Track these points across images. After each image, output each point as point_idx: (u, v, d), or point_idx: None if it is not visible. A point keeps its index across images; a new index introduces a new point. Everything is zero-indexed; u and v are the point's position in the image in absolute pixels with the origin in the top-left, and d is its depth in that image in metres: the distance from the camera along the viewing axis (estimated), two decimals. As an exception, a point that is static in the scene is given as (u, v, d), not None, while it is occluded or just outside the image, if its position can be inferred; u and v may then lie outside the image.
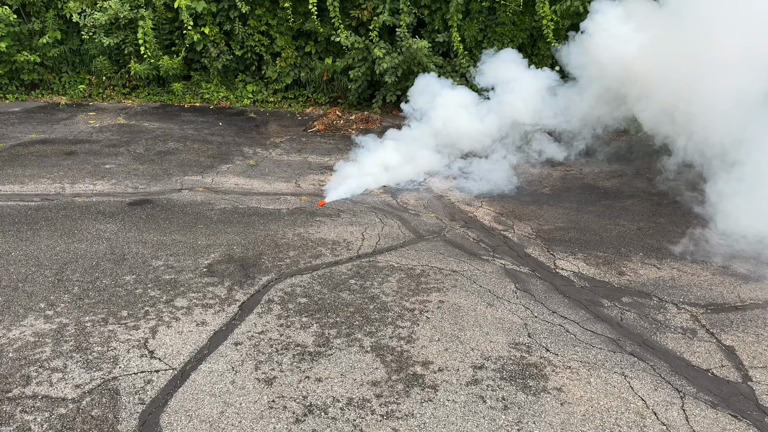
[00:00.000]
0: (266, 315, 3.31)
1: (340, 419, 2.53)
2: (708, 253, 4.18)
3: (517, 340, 3.16)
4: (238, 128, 7.26)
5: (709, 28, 4.80)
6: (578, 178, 5.73)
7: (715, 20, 4.78)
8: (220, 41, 8.17)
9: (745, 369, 2.96)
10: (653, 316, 3.42)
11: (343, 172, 5.53)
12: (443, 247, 4.28)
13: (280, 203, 4.97)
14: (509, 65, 6.38)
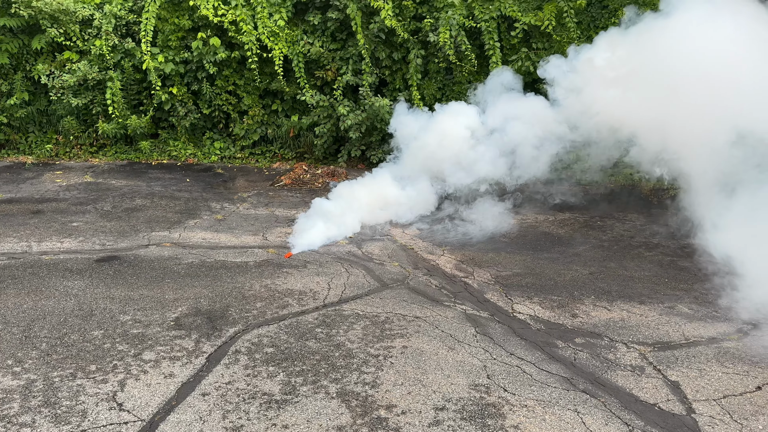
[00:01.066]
0: (233, 365, 3.39)
1: (306, 463, 2.62)
2: (656, 295, 4.43)
3: (477, 381, 3.30)
4: (205, 184, 7.40)
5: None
6: (534, 226, 6.00)
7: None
8: (188, 101, 8.39)
9: (689, 402, 3.15)
10: (604, 356, 3.61)
11: (309, 224, 5.68)
12: (407, 295, 4.44)
13: (247, 256, 5.09)
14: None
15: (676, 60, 5.06)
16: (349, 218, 5.86)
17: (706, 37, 4.92)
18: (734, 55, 4.82)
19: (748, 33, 4.92)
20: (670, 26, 5.18)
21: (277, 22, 7.84)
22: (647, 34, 5.43)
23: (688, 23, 5.03)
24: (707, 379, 3.35)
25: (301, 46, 7.93)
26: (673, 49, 5.11)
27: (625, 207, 6.38)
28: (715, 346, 3.71)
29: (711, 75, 4.84)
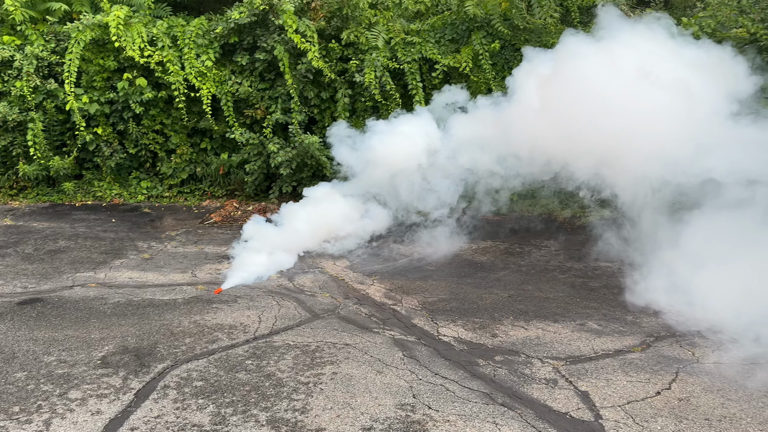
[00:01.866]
0: (162, 400, 3.41)
1: (236, 488, 2.68)
2: (568, 313, 4.75)
3: (403, 401, 3.45)
4: (132, 224, 7.32)
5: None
6: (458, 255, 6.28)
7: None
8: (114, 140, 8.31)
9: (597, 409, 3.42)
10: (521, 371, 3.85)
11: (240, 260, 5.74)
12: (337, 324, 4.56)
13: (175, 293, 5.09)
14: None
15: (583, 92, 5.53)
16: (281, 252, 5.96)
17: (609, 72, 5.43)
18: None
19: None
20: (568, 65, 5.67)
21: (204, 63, 7.95)
22: (555, 70, 5.92)
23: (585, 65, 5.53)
24: (613, 388, 3.64)
25: (229, 86, 8.06)
26: (578, 82, 5.59)
27: (541, 235, 6.77)
28: (621, 358, 4.03)
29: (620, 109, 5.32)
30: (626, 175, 5.34)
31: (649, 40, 5.70)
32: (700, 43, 6.00)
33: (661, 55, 5.52)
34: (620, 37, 5.74)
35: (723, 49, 5.87)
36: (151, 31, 7.98)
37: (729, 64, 5.68)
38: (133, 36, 7.78)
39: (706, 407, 3.42)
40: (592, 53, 5.66)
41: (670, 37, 5.86)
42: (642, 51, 5.45)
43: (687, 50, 5.76)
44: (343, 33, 8.06)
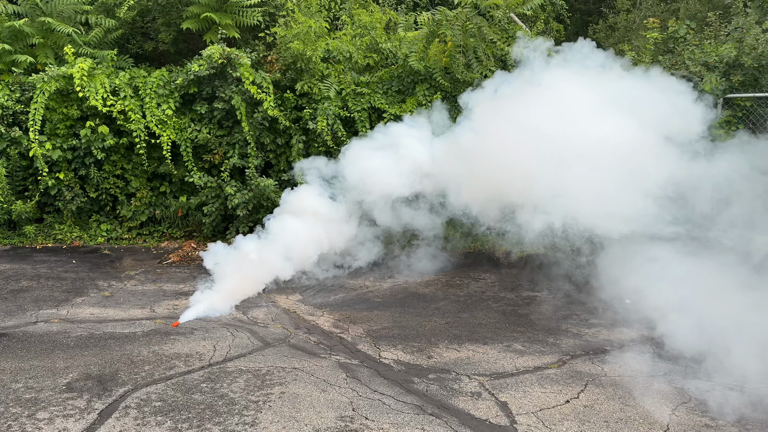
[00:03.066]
0: (123, 418, 3.75)
1: (191, 487, 3.05)
2: (497, 337, 5.27)
3: (343, 414, 3.88)
4: (92, 264, 7.60)
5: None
6: (404, 287, 6.77)
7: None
8: (75, 185, 8.63)
9: (513, 416, 3.91)
10: (450, 386, 4.32)
11: (197, 296, 6.10)
12: (288, 351, 4.97)
13: (135, 327, 5.42)
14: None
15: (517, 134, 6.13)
16: (237, 287, 6.33)
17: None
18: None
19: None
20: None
21: (165, 111, 8.42)
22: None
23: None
24: (529, 398, 4.14)
25: (188, 133, 8.52)
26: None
27: (480, 269, 7.34)
28: (539, 374, 4.54)
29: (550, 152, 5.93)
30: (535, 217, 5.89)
31: (568, 84, 6.22)
32: (636, 78, 6.28)
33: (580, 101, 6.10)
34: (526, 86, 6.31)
35: (663, 83, 6.14)
36: (114, 82, 8.42)
37: (670, 100, 5.92)
38: (96, 86, 8.21)
39: (607, 412, 3.95)
40: (490, 109, 6.33)
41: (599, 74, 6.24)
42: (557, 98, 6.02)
43: (618, 87, 6.05)
44: (297, 84, 8.65)
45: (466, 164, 6.25)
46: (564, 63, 6.45)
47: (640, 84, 6.09)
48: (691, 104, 5.86)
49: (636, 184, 5.62)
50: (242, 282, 6.35)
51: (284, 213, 6.99)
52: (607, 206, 5.48)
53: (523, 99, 6.09)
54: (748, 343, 4.60)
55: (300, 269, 6.90)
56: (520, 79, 6.47)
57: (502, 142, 5.93)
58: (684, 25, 8.31)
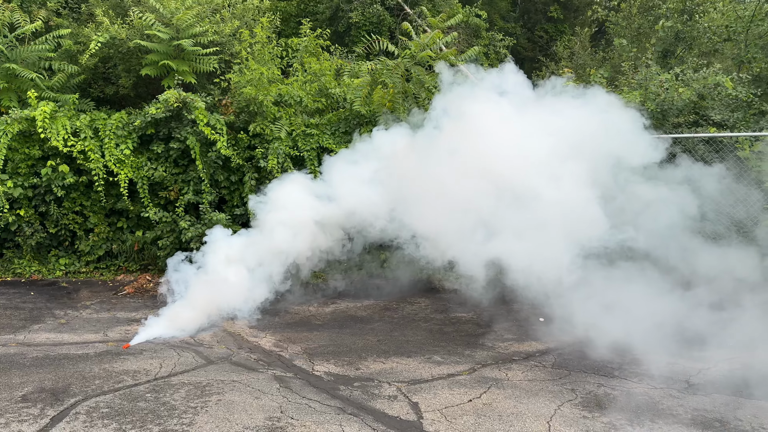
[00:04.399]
0: (73, 422, 4.20)
1: (129, 472, 3.53)
2: (420, 351, 5.86)
3: (272, 415, 4.40)
4: (49, 296, 7.98)
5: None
6: (344, 311, 7.34)
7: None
8: (35, 221, 9.03)
9: (421, 412, 4.48)
10: (371, 391, 4.88)
11: (150, 321, 6.55)
12: (228, 367, 5.47)
13: (88, 349, 5.85)
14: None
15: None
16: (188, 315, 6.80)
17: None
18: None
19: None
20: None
21: (123, 151, 8.95)
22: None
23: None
24: (438, 399, 4.73)
25: (145, 171, 9.05)
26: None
27: (417, 294, 7.96)
28: (450, 379, 5.14)
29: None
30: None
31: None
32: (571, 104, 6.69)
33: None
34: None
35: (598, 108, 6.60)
36: (75, 124, 8.94)
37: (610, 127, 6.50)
38: (57, 128, 8.72)
39: (502, 408, 4.56)
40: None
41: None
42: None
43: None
44: (250, 125, 9.30)
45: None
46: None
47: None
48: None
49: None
50: (190, 311, 6.82)
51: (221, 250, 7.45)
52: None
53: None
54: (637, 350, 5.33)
55: (247, 299, 7.38)
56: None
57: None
58: (598, 74, 9.28)
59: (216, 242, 7.53)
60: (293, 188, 7.64)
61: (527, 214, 6.20)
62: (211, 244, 7.53)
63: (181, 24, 9.68)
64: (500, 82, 6.95)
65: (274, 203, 7.44)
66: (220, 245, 7.46)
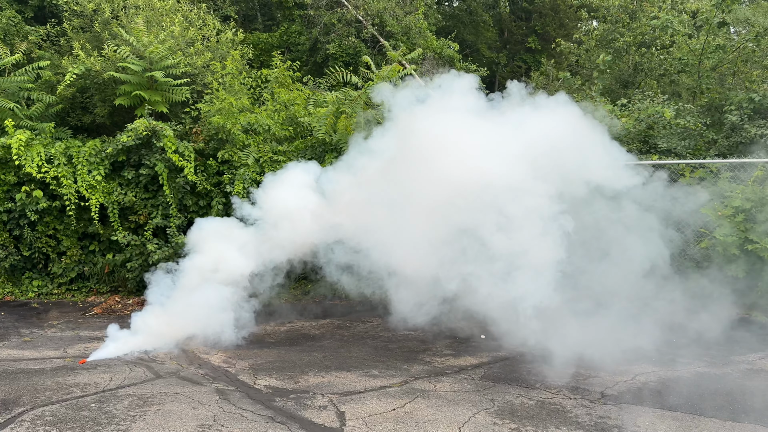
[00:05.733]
0: (17, 428, 4.52)
1: (58, 471, 3.85)
2: (360, 366, 6.19)
3: (204, 423, 4.72)
4: (19, 316, 8.30)
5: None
6: (298, 330, 7.67)
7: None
8: (9, 245, 9.38)
9: (346, 420, 4.80)
10: (304, 402, 5.20)
11: (110, 340, 6.86)
12: (175, 381, 5.78)
13: (45, 364, 6.17)
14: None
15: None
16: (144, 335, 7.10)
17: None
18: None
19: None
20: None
21: (95, 177, 9.35)
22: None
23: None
24: (364, 408, 5.04)
25: (115, 196, 9.44)
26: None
27: (372, 314, 8.29)
28: (381, 391, 5.46)
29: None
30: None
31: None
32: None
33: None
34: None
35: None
36: (50, 151, 9.36)
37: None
38: (32, 155, 9.12)
39: (421, 416, 4.88)
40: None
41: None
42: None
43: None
44: (219, 152, 9.73)
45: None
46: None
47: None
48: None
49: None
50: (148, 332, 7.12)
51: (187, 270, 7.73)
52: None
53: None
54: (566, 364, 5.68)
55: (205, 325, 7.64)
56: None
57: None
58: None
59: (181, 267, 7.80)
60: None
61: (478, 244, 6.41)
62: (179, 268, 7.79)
63: (155, 56, 10.17)
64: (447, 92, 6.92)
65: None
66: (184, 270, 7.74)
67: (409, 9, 17.05)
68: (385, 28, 16.26)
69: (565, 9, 22.49)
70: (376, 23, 16.12)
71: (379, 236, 6.87)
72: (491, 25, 23.54)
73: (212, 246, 7.38)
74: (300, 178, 7.80)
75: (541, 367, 6.05)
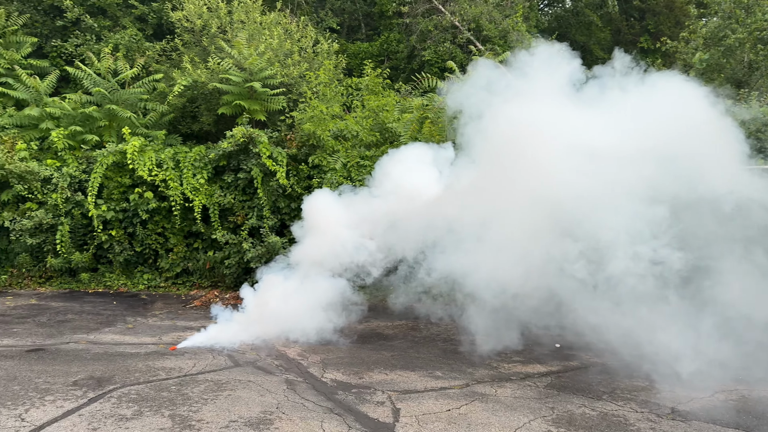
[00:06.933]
0: (105, 403, 5.06)
1: (131, 441, 4.29)
2: (426, 366, 6.25)
3: (267, 409, 5.02)
4: (128, 305, 9.17)
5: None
6: (373, 329, 7.87)
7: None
8: (124, 241, 10.39)
9: (399, 417, 4.91)
10: (364, 397, 5.36)
11: (203, 331, 7.43)
12: (251, 370, 6.17)
13: (140, 349, 6.80)
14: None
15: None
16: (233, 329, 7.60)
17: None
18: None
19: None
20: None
21: (198, 180, 10.14)
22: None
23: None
24: (420, 407, 5.12)
25: (216, 198, 10.17)
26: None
27: (449, 317, 8.30)
28: (441, 392, 5.50)
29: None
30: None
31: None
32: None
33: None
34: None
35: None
36: (160, 156, 10.27)
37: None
38: (144, 160, 10.07)
39: (475, 418, 4.88)
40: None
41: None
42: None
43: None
44: (310, 157, 10.20)
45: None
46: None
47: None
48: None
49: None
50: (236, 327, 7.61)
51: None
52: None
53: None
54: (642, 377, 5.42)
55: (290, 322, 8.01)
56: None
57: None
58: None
59: (272, 276, 8.15)
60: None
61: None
62: (268, 275, 8.17)
63: (254, 68, 10.85)
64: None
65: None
66: (276, 279, 8.08)
67: (508, 12, 16.84)
68: (481, 32, 16.18)
69: (681, 6, 21.12)
70: (472, 28, 16.08)
71: (493, 233, 6.55)
72: (600, 25, 22.62)
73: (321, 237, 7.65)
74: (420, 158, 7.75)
75: (613, 378, 5.81)
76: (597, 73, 6.58)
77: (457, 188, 7.10)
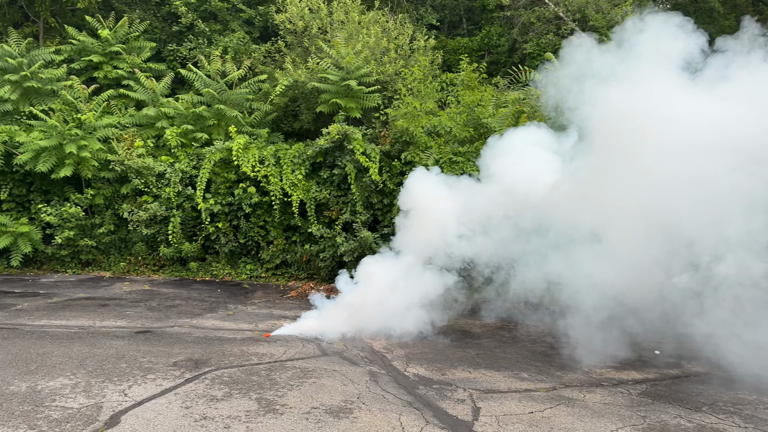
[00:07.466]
0: (200, 383, 5.38)
1: (231, 427, 4.53)
2: (512, 367, 6.10)
3: (348, 399, 5.12)
4: (230, 294, 9.69)
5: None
6: (461, 326, 7.78)
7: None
8: (229, 233, 10.99)
9: (479, 416, 4.83)
10: (444, 393, 5.33)
11: (297, 320, 7.71)
12: (337, 359, 6.32)
13: (237, 334, 7.17)
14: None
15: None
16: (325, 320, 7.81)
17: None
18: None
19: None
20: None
21: (297, 176, 10.51)
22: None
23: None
24: (501, 407, 5.00)
25: (312, 193, 10.50)
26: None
27: (540, 319, 8.04)
28: (525, 394, 5.35)
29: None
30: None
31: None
32: None
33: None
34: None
35: None
36: (262, 154, 10.75)
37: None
38: (248, 157, 10.58)
39: (558, 422, 4.69)
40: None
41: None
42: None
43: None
44: (402, 154, 10.26)
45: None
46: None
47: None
48: None
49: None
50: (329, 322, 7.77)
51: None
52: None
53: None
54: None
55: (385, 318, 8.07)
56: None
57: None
58: None
59: (369, 268, 8.19)
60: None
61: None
62: (364, 268, 8.21)
63: (350, 66, 11.06)
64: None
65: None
66: (372, 272, 8.12)
67: (617, 1, 15.99)
68: (587, 23, 15.47)
69: (819, -15, 19.06)
70: (577, 18, 15.43)
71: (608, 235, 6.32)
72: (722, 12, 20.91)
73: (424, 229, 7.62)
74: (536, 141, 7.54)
75: (718, 390, 5.39)
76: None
77: (573, 184, 6.69)
